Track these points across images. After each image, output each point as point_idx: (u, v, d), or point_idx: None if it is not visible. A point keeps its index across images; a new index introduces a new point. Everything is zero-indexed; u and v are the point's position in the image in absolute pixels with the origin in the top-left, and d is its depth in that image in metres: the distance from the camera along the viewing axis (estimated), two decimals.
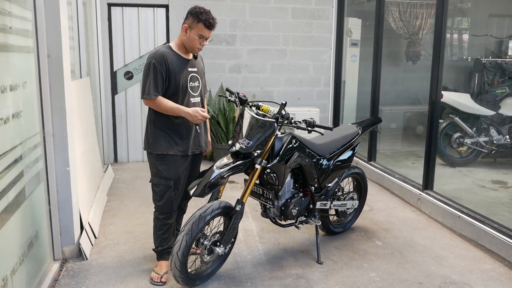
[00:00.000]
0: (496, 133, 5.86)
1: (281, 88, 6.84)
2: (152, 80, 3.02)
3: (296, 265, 3.42)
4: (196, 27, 3.03)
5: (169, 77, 3.06)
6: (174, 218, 3.29)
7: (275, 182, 3.19)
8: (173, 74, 3.06)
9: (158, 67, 3.02)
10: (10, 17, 2.62)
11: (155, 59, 3.04)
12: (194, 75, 3.21)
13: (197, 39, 3.06)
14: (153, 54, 3.08)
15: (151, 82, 3.02)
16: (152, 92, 3.02)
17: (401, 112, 7.01)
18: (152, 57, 3.06)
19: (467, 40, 7.75)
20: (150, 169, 3.27)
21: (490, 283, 3.20)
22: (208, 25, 3.04)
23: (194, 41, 3.06)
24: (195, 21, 3.02)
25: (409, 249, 3.72)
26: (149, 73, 3.04)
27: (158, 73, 3.02)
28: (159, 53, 3.07)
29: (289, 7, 6.65)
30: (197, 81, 3.24)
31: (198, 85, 3.25)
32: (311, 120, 3.10)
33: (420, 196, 4.63)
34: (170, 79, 3.07)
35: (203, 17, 3.02)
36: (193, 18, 3.04)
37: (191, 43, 3.08)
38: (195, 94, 3.22)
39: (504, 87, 6.33)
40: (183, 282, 2.98)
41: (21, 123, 2.77)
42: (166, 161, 3.15)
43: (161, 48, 3.13)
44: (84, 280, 3.16)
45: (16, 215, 2.63)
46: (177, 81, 3.08)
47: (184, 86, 3.12)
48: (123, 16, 6.16)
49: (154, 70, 3.02)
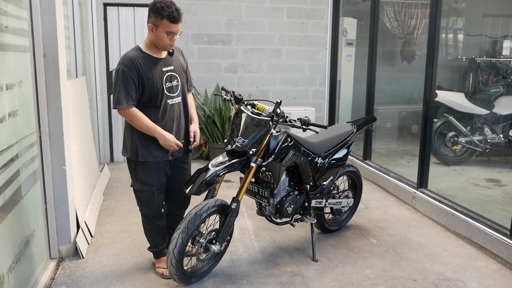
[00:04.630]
0: (490, 132, 5.90)
1: (276, 87, 6.86)
2: (123, 88, 2.83)
3: (292, 263, 3.44)
4: (161, 24, 2.83)
5: (142, 82, 2.87)
6: (164, 218, 3.26)
7: (270, 180, 3.21)
8: (145, 78, 2.88)
9: (128, 74, 2.83)
10: (5, 16, 2.63)
11: (124, 65, 2.85)
12: (170, 74, 3.02)
13: (166, 36, 2.87)
14: (121, 60, 2.88)
15: (121, 90, 2.83)
16: (123, 100, 2.84)
17: (396, 111, 7.04)
18: (120, 63, 2.87)
19: (461, 39, 7.79)
20: (130, 173, 3.14)
21: (483, 280, 3.23)
22: (173, 20, 2.83)
23: (163, 39, 2.88)
24: (158, 18, 2.82)
25: (404, 247, 3.75)
26: (118, 81, 2.85)
27: (128, 80, 2.82)
28: (127, 58, 2.87)
29: (284, 6, 6.67)
30: (175, 80, 3.05)
31: (177, 84, 3.06)
32: (306, 119, 3.12)
33: (414, 195, 4.66)
34: (144, 84, 2.88)
35: (166, 13, 2.79)
36: (155, 15, 2.82)
37: (161, 42, 2.90)
38: (174, 94, 3.04)
39: (498, 86, 6.37)
40: (179, 280, 3.00)
41: (17, 122, 2.78)
42: (146, 167, 3.03)
43: (130, 51, 2.94)
44: (81, 279, 3.17)
45: (12, 214, 2.64)
46: (151, 84, 2.90)
47: (159, 88, 2.94)
48: (119, 16, 6.16)
49: (124, 77, 2.83)
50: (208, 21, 6.47)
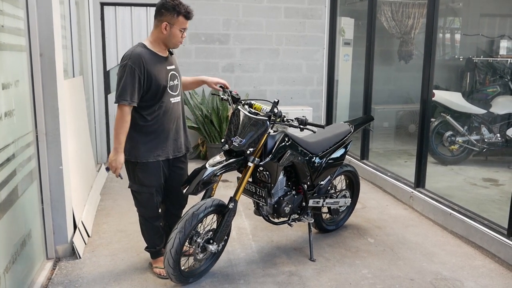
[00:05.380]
0: (487, 131, 5.92)
1: (274, 87, 6.86)
2: (129, 84, 2.78)
3: (289, 263, 3.44)
4: (177, 21, 2.83)
5: (149, 79, 2.85)
6: (161, 219, 3.26)
7: (268, 180, 3.21)
8: (152, 76, 2.86)
9: (136, 70, 2.79)
10: (2, 15, 2.62)
11: (131, 60, 2.79)
12: (173, 73, 3.03)
13: (180, 33, 2.89)
14: (128, 55, 2.82)
15: (127, 85, 2.78)
16: (128, 96, 2.78)
17: (394, 111, 7.05)
18: (127, 59, 2.81)
19: (459, 39, 7.81)
20: (128, 174, 3.11)
21: (480, 279, 3.24)
22: (188, 16, 2.86)
23: (177, 36, 2.89)
24: (175, 15, 2.82)
25: (401, 246, 3.75)
26: (124, 76, 2.79)
27: (135, 76, 2.79)
28: (135, 54, 2.82)
29: (282, 6, 6.67)
30: (176, 79, 3.06)
31: (177, 83, 3.07)
32: (303, 118, 3.12)
33: (412, 194, 4.66)
34: (151, 82, 2.86)
35: (182, 10, 2.82)
36: (170, 13, 2.82)
37: (174, 39, 2.90)
38: (175, 93, 3.04)
39: (495, 86, 6.38)
40: (176, 280, 3.00)
41: (14, 122, 2.77)
42: (146, 168, 3.00)
43: (137, 48, 2.89)
44: (78, 279, 3.16)
45: (9, 214, 2.63)
46: (158, 82, 2.88)
47: (164, 86, 2.93)
48: (116, 15, 6.15)
49: (131, 74, 2.78)
50: (206, 21, 6.46)
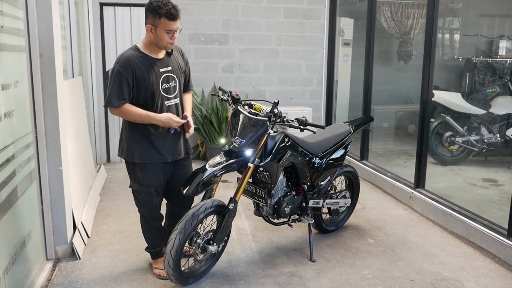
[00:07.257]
0: (487, 131, 5.92)
1: (273, 87, 6.86)
2: (116, 88, 2.81)
3: (289, 263, 3.44)
4: (159, 23, 2.79)
5: (138, 83, 2.85)
6: (162, 219, 3.25)
7: (268, 181, 3.20)
8: (141, 79, 2.85)
9: (124, 74, 2.81)
10: (1, 16, 2.62)
11: (119, 64, 2.83)
12: (167, 75, 2.98)
13: (166, 35, 2.82)
14: (117, 60, 2.86)
15: (114, 90, 2.81)
16: (114, 100, 2.82)
17: (393, 111, 7.05)
18: (116, 63, 2.85)
19: (458, 40, 7.81)
20: (129, 174, 3.12)
21: (481, 280, 3.24)
22: (172, 17, 2.78)
23: (164, 38, 2.83)
24: (156, 17, 2.78)
25: (401, 247, 3.75)
26: (112, 80, 2.83)
27: (123, 80, 2.81)
28: (123, 58, 2.84)
29: (281, 6, 6.67)
30: (173, 81, 3.01)
31: (174, 85, 3.02)
32: (303, 119, 3.11)
33: (412, 194, 4.66)
34: (139, 85, 2.85)
35: (163, 11, 2.75)
36: (153, 15, 2.79)
37: (162, 41, 2.85)
38: (171, 96, 3.00)
39: (494, 86, 6.39)
40: (177, 281, 2.99)
41: (13, 122, 2.77)
42: (144, 169, 3.00)
43: (127, 51, 2.90)
44: (77, 280, 3.16)
45: (8, 215, 2.63)
46: (147, 85, 2.87)
47: (156, 89, 2.90)
48: (115, 16, 6.14)
49: (119, 77, 2.81)
50: (205, 21, 6.46)
